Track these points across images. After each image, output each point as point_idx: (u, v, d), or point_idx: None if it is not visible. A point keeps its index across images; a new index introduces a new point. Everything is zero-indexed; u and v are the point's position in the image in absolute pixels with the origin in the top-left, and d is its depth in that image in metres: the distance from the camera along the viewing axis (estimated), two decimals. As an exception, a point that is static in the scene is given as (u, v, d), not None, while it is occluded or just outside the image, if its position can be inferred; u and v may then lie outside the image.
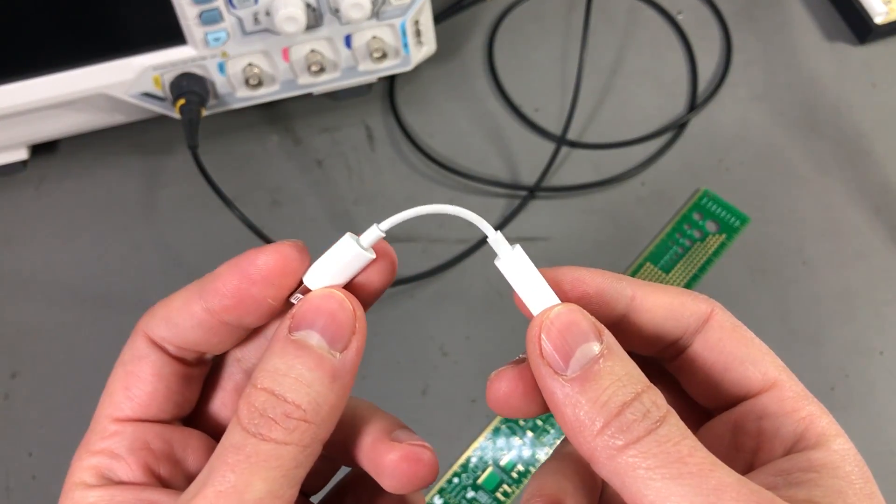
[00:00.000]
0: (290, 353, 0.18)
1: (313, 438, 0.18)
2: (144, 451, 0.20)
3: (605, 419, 0.17)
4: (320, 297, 0.19)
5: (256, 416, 0.18)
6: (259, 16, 0.42)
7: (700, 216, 0.47)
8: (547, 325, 0.18)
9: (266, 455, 0.17)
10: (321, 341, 0.18)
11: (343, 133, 0.51)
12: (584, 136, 0.50)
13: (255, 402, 0.18)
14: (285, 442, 0.17)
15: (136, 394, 0.20)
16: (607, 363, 0.18)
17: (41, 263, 0.47)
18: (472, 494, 0.40)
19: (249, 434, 0.17)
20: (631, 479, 0.16)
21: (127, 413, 0.20)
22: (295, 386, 0.18)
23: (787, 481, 0.18)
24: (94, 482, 0.19)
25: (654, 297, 0.20)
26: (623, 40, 0.54)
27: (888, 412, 0.41)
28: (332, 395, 0.18)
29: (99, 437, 0.20)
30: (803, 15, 0.54)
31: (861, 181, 0.47)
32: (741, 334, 0.20)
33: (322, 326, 0.18)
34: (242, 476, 0.17)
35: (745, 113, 0.50)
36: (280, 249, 0.20)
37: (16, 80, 0.42)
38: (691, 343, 0.20)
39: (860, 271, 0.45)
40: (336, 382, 0.18)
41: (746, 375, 0.20)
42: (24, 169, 0.50)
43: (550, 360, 0.18)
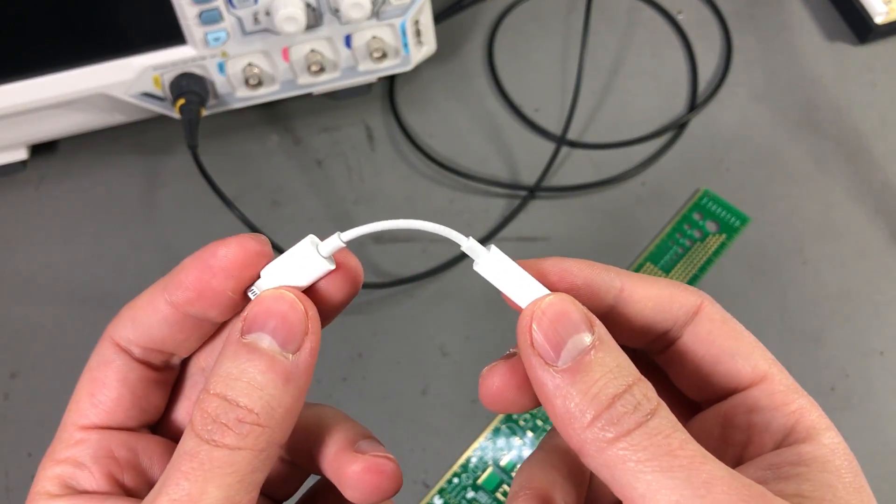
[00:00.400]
0: (241, 356, 0.18)
1: (268, 442, 0.18)
2: (108, 459, 0.20)
3: (596, 411, 0.17)
4: (271, 298, 0.19)
5: (209, 421, 0.17)
6: (259, 16, 0.42)
7: (700, 216, 0.47)
8: (538, 315, 0.18)
9: (220, 461, 0.17)
10: (273, 343, 0.18)
11: (343, 133, 0.51)
12: (585, 136, 0.50)
13: (207, 407, 0.17)
14: (239, 447, 0.17)
15: (101, 400, 0.20)
16: (598, 354, 0.17)
17: (41, 263, 0.47)
18: (472, 494, 0.40)
19: (203, 440, 0.17)
20: (621, 471, 0.16)
21: (92, 420, 0.20)
22: (247, 390, 0.17)
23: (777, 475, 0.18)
24: (57, 491, 0.19)
25: (642, 289, 0.20)
26: (623, 40, 0.54)
27: (888, 412, 0.41)
28: (286, 398, 0.18)
29: (64, 445, 0.20)
30: (803, 15, 0.54)
31: (861, 181, 0.47)
32: (731, 327, 0.20)
33: (273, 328, 0.18)
34: (196, 483, 0.17)
35: (745, 113, 0.50)
36: (241, 242, 0.19)
37: (16, 79, 0.42)
38: (681, 335, 0.20)
39: (860, 271, 0.45)
40: (290, 384, 0.18)
41: (736, 368, 0.19)
42: (23, 169, 0.50)
43: (541, 350, 0.18)
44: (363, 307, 0.45)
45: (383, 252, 0.46)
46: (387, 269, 0.46)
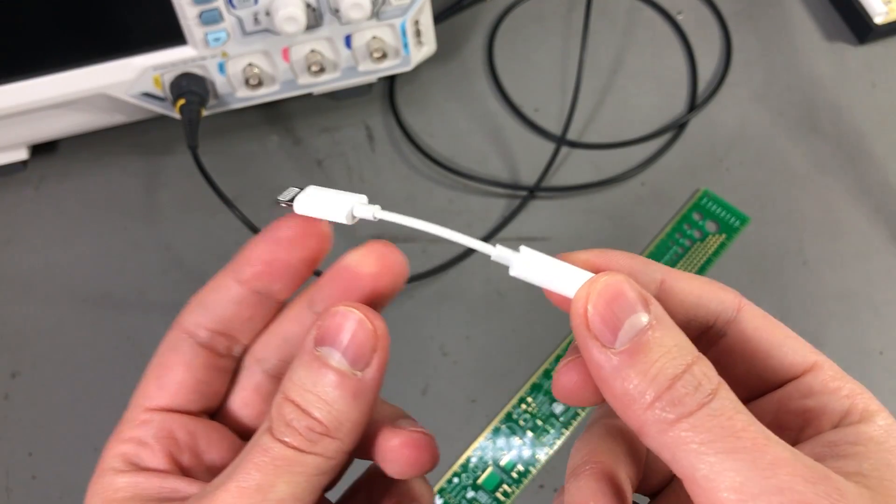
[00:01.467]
0: (314, 368, 0.19)
1: (336, 451, 0.19)
2: (169, 439, 0.21)
3: (656, 392, 0.16)
4: (342, 315, 0.19)
5: (283, 424, 0.18)
6: (259, 16, 0.42)
7: (700, 216, 0.47)
8: (593, 296, 0.18)
9: (291, 460, 0.18)
10: (342, 361, 0.19)
11: (343, 133, 0.51)
12: (584, 137, 0.50)
13: (283, 411, 0.18)
14: (309, 451, 0.18)
15: (167, 383, 0.21)
16: (656, 334, 0.17)
17: (41, 263, 0.47)
18: (471, 494, 0.40)
19: (276, 439, 0.18)
20: (683, 453, 0.16)
21: (157, 402, 0.21)
22: (318, 403, 0.18)
23: (835, 453, 0.18)
24: (122, 468, 0.20)
25: (683, 283, 0.20)
26: (623, 40, 0.54)
27: (889, 412, 0.41)
28: (353, 413, 0.19)
29: (129, 425, 0.21)
30: (803, 15, 0.54)
31: (861, 181, 0.47)
32: (774, 322, 0.20)
33: (344, 346, 0.19)
34: (267, 476, 0.18)
35: (745, 113, 0.50)
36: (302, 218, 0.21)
37: (16, 80, 0.42)
38: (725, 332, 0.20)
39: (860, 271, 0.45)
40: (358, 400, 0.19)
41: (787, 359, 0.20)
42: (23, 169, 0.50)
43: (598, 332, 0.17)
44: (363, 307, 0.45)
45: (383, 252, 0.46)
46: (387, 269, 0.46)
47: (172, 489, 0.20)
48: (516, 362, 0.43)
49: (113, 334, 0.45)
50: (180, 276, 0.46)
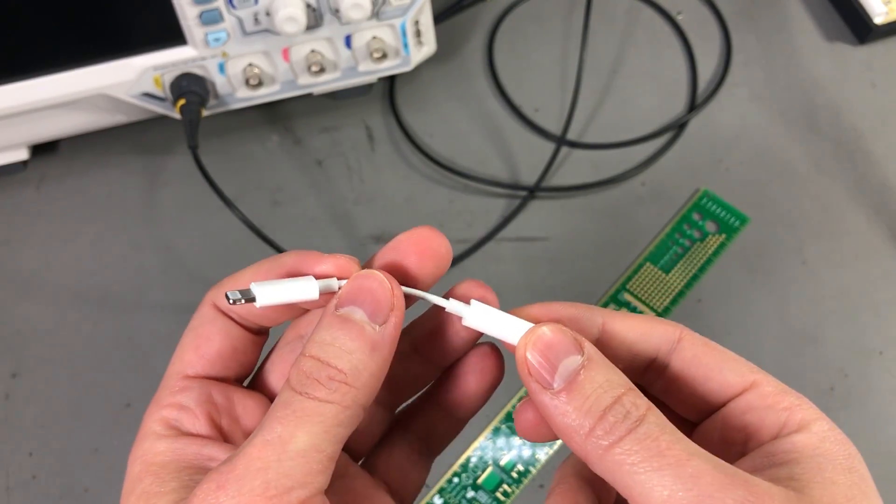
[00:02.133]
0: (335, 326, 0.20)
1: (353, 400, 0.19)
2: (209, 404, 0.22)
3: (591, 423, 0.19)
4: (363, 276, 0.21)
5: (303, 377, 0.19)
6: (259, 16, 0.42)
7: (700, 216, 0.47)
8: (531, 345, 0.20)
9: (310, 411, 0.19)
10: (363, 316, 0.20)
11: (343, 133, 0.51)
12: (584, 137, 0.50)
13: (302, 366, 0.20)
14: (328, 400, 0.19)
15: (206, 352, 0.22)
16: (589, 373, 0.19)
17: (41, 263, 0.47)
18: (472, 494, 0.40)
19: (296, 392, 0.19)
20: (619, 474, 0.18)
21: (197, 370, 0.22)
22: (338, 353, 0.20)
23: (772, 462, 0.19)
24: (164, 432, 0.21)
25: (623, 323, 0.22)
26: (623, 41, 0.54)
27: (887, 412, 0.41)
28: (371, 363, 0.20)
29: (169, 391, 0.22)
30: (803, 15, 0.54)
31: (860, 181, 0.48)
32: (713, 347, 0.22)
33: (364, 302, 0.20)
34: (288, 428, 0.19)
35: (744, 113, 0.50)
36: (337, 261, 0.22)
37: (17, 80, 0.42)
38: (668, 363, 0.22)
39: (859, 271, 0.45)
40: (375, 352, 0.20)
41: (726, 380, 0.21)
42: (24, 169, 0.50)
43: (537, 376, 0.19)
44: (363, 307, 0.45)
45: (383, 252, 0.46)
46: (387, 269, 0.46)
47: (210, 456, 0.21)
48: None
49: (113, 334, 0.45)
50: (180, 276, 0.46)
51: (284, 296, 0.21)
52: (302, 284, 0.21)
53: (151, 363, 0.44)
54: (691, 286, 0.45)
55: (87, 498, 0.41)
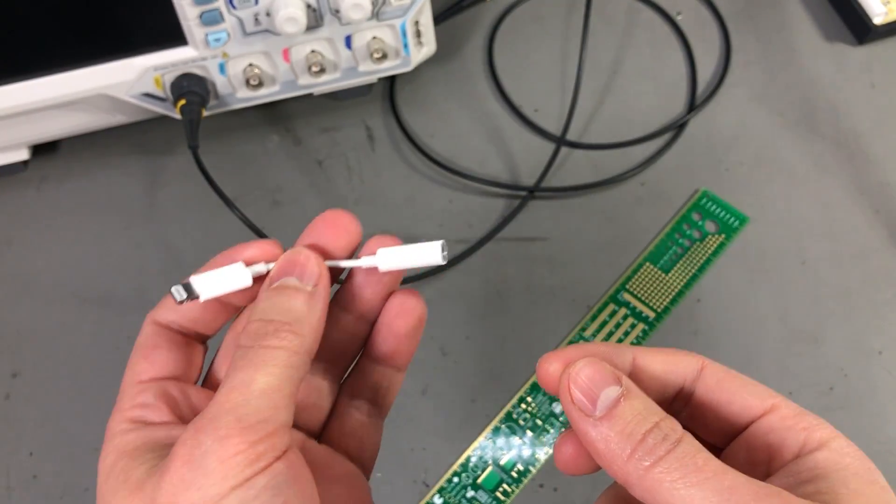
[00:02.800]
0: (272, 295, 0.23)
1: (300, 345, 0.22)
2: (168, 396, 0.24)
3: (633, 446, 0.20)
4: (290, 253, 0.24)
5: (253, 335, 0.22)
6: (259, 17, 0.42)
7: (699, 216, 0.47)
8: (574, 377, 0.22)
9: (264, 356, 0.21)
10: (296, 281, 0.23)
11: (343, 133, 0.51)
12: (584, 137, 0.50)
13: (250, 329, 0.22)
14: (278, 346, 0.21)
15: (154, 359, 0.24)
16: (628, 401, 0.21)
17: (42, 263, 0.47)
18: (471, 494, 0.40)
19: (249, 347, 0.21)
20: (659, 491, 0.20)
21: (150, 374, 0.24)
22: (280, 311, 0.22)
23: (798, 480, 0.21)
24: (130, 428, 0.23)
25: (651, 357, 0.23)
26: (622, 41, 0.54)
27: (887, 412, 0.41)
28: (311, 315, 0.22)
29: (128, 397, 0.24)
30: (802, 15, 0.54)
31: (860, 181, 0.48)
32: (734, 374, 0.23)
33: (296, 272, 0.23)
34: (247, 372, 0.21)
35: (744, 113, 0.51)
36: (262, 246, 0.24)
37: (17, 80, 0.42)
38: (694, 391, 0.23)
39: (859, 271, 0.45)
40: (312, 301, 0.23)
41: (747, 404, 0.23)
42: (24, 169, 0.50)
43: (581, 404, 0.21)
44: (363, 307, 0.45)
45: (383, 252, 0.46)
46: (387, 269, 0.46)
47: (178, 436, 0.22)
48: (516, 362, 0.43)
49: (114, 334, 0.45)
50: (181, 276, 0.46)
51: (222, 286, 0.23)
52: (235, 272, 0.23)
53: (152, 363, 0.44)
54: (691, 286, 0.45)
55: (87, 497, 0.41)
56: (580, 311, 0.44)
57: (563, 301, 0.45)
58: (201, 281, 0.24)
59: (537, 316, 0.44)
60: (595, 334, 0.43)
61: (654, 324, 0.44)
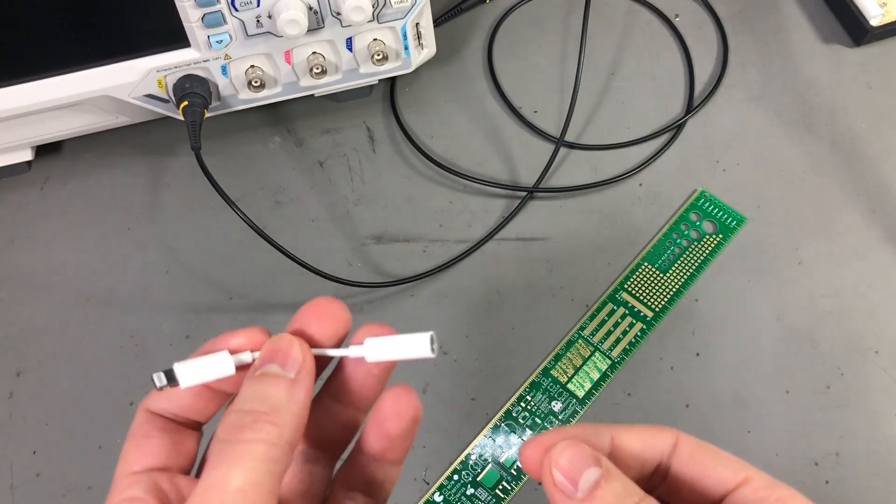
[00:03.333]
0: (254, 384, 0.22)
1: (279, 437, 0.21)
2: (158, 490, 0.23)
3: None
4: (274, 340, 0.23)
5: (229, 427, 0.21)
6: (261, 19, 0.42)
7: (697, 216, 0.47)
8: (555, 459, 0.22)
9: (240, 452, 0.20)
10: (278, 368, 0.22)
11: (344, 134, 0.51)
12: (583, 138, 0.51)
13: (227, 420, 0.21)
14: (255, 440, 0.20)
15: (147, 449, 0.23)
16: (608, 483, 0.21)
17: (45, 263, 0.48)
18: (471, 491, 0.40)
19: (225, 441, 0.20)
20: None
21: (142, 465, 0.23)
22: (258, 400, 0.21)
23: None
24: None
25: (628, 433, 0.24)
26: (621, 43, 0.54)
27: (883, 411, 0.41)
28: (291, 403, 0.21)
29: (119, 490, 0.23)
30: (799, 17, 0.55)
31: (857, 182, 0.48)
32: (707, 447, 0.24)
33: (278, 360, 0.22)
34: (222, 470, 0.20)
35: (741, 114, 0.51)
36: (249, 334, 0.23)
37: (21, 81, 0.42)
38: (670, 465, 0.24)
39: (856, 271, 0.45)
40: (294, 389, 0.22)
41: (721, 477, 0.23)
42: (28, 169, 0.50)
43: (562, 486, 0.22)
44: (364, 306, 0.45)
45: (384, 251, 0.47)
46: (388, 268, 0.46)
47: None
48: (515, 361, 0.43)
49: (116, 333, 0.45)
50: (183, 276, 0.47)
51: (203, 374, 0.22)
52: (218, 360, 0.23)
53: (154, 362, 0.44)
54: (688, 286, 0.45)
55: (90, 495, 0.41)
56: (579, 310, 0.45)
57: (562, 300, 0.45)
58: (184, 368, 0.23)
59: (537, 315, 0.44)
60: (594, 333, 0.44)
61: (652, 323, 0.44)
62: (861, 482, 0.40)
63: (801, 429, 0.41)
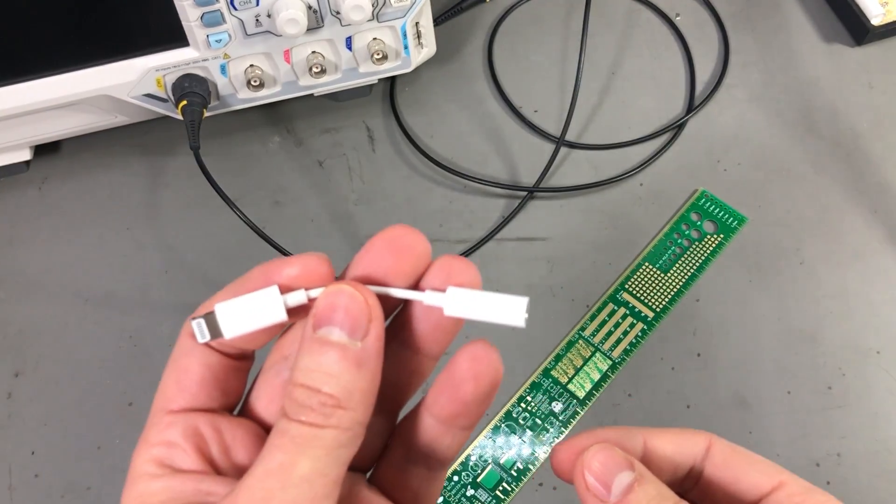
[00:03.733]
0: (315, 350, 0.19)
1: (351, 421, 0.19)
2: (197, 437, 0.21)
3: None
4: (334, 293, 0.20)
5: (296, 406, 0.19)
6: (260, 18, 0.42)
7: (698, 216, 0.47)
8: (587, 463, 0.22)
9: (309, 437, 0.19)
10: (341, 335, 0.19)
11: (344, 134, 0.51)
12: (583, 137, 0.51)
13: (294, 395, 0.19)
14: (325, 425, 0.19)
15: (187, 385, 0.22)
16: (642, 487, 0.21)
17: (44, 263, 0.47)
18: (471, 492, 0.40)
19: (292, 421, 0.19)
20: None
21: (180, 403, 0.22)
22: (325, 378, 0.19)
23: None
24: (156, 472, 0.21)
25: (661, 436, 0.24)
26: (621, 42, 0.54)
27: (885, 411, 0.41)
28: (360, 382, 0.19)
29: (156, 429, 0.21)
30: (800, 17, 0.54)
31: (858, 181, 0.48)
32: (741, 451, 0.23)
33: (340, 321, 0.20)
34: (289, 455, 0.18)
35: (742, 114, 0.51)
36: (305, 262, 0.21)
37: (19, 81, 0.42)
38: (703, 469, 0.24)
39: (857, 271, 0.45)
40: (362, 369, 0.19)
41: (755, 481, 0.23)
42: (26, 169, 0.50)
43: (595, 490, 0.21)
44: (364, 307, 0.45)
45: (384, 252, 0.47)
46: (387, 268, 0.46)
47: (208, 491, 0.20)
48: (516, 361, 0.43)
49: (115, 333, 0.45)
50: (182, 276, 0.47)
51: (250, 321, 0.20)
52: (267, 301, 0.20)
53: (153, 362, 0.44)
54: (689, 286, 0.45)
55: (89, 496, 0.41)
56: (579, 310, 0.44)
57: (563, 301, 0.45)
58: (227, 314, 0.20)
59: (537, 316, 0.44)
60: (594, 334, 0.44)
61: (653, 323, 0.44)
62: (863, 483, 0.39)
63: (803, 429, 0.41)
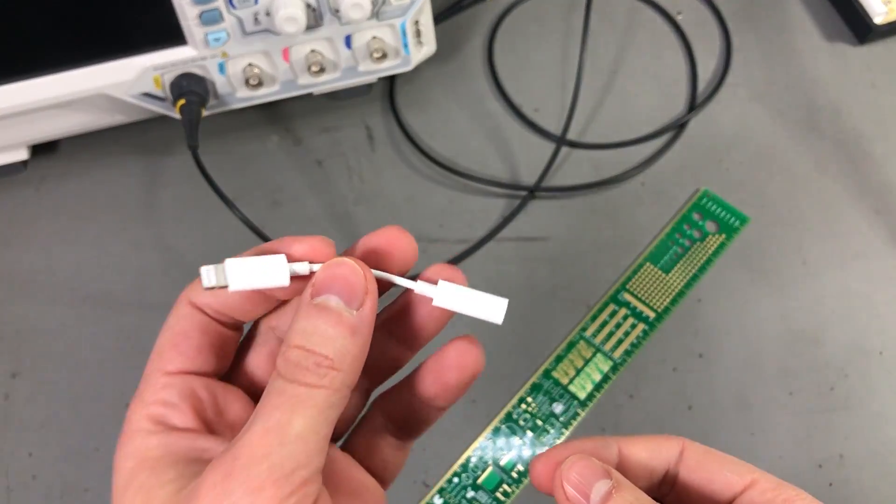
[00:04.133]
0: (313, 315, 0.21)
1: (342, 383, 0.21)
2: (193, 398, 0.22)
3: None
4: (336, 265, 0.22)
5: (292, 367, 0.20)
6: (259, 16, 0.42)
7: (700, 216, 0.47)
8: (566, 474, 0.22)
9: (304, 397, 0.20)
10: (339, 302, 0.21)
11: (343, 133, 0.51)
12: (584, 137, 0.50)
13: (289, 356, 0.21)
14: (318, 385, 0.20)
15: (185, 349, 0.23)
16: (619, 494, 0.22)
17: (41, 263, 0.47)
18: (472, 494, 0.40)
19: (288, 381, 0.20)
20: None
21: (177, 366, 0.23)
22: (321, 341, 0.21)
23: None
24: (152, 428, 0.22)
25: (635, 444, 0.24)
26: (623, 41, 0.54)
27: (887, 412, 0.41)
28: (353, 347, 0.21)
29: (152, 389, 0.22)
30: (803, 15, 0.54)
31: (861, 181, 0.48)
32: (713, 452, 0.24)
33: (338, 290, 0.21)
34: (285, 414, 0.20)
35: (744, 113, 0.50)
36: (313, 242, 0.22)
37: (16, 80, 0.42)
38: (678, 473, 0.24)
39: (860, 271, 0.45)
40: (356, 336, 0.21)
41: (728, 481, 0.23)
42: (24, 169, 0.50)
43: (574, 500, 0.22)
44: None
45: (383, 252, 0.46)
46: (387, 269, 0.46)
47: (203, 448, 0.22)
48: (516, 362, 0.43)
49: (113, 334, 0.45)
50: (180, 276, 0.46)
51: (256, 280, 0.22)
52: (273, 268, 0.22)
53: (151, 363, 0.44)
54: (691, 286, 0.45)
55: (87, 497, 0.41)
56: (580, 311, 0.44)
57: (564, 301, 0.45)
58: (236, 268, 0.22)
59: (537, 316, 0.44)
60: (595, 334, 0.43)
61: (655, 324, 0.43)
62: (865, 484, 0.39)
63: (805, 431, 0.41)
